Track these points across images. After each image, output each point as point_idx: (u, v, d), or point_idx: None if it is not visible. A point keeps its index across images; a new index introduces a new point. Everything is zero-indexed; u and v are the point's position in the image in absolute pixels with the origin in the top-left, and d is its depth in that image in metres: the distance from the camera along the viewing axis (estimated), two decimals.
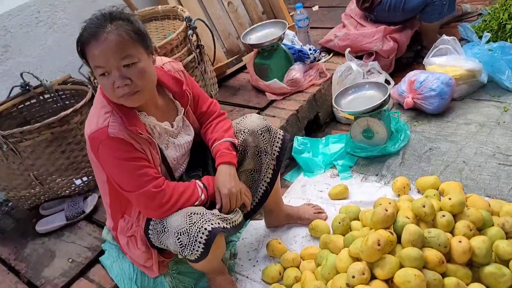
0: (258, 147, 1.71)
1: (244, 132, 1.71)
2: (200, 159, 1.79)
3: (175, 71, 1.65)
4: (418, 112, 2.42)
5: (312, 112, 2.52)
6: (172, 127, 1.61)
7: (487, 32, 2.73)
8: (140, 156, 1.47)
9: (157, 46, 1.98)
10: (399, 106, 2.52)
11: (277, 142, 1.75)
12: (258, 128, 1.71)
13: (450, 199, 1.55)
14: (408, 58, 2.98)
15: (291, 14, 3.56)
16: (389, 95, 2.16)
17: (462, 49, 2.48)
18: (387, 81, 2.63)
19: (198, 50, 2.19)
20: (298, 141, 2.37)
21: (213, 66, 2.61)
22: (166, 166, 1.62)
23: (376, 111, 2.14)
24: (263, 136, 1.71)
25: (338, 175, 2.20)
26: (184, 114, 1.66)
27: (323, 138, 2.44)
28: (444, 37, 2.49)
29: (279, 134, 1.76)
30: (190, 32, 2.11)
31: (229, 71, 2.84)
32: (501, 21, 2.63)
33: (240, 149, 1.70)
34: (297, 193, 2.17)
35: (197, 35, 2.18)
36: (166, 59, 1.67)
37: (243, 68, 2.90)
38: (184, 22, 2.11)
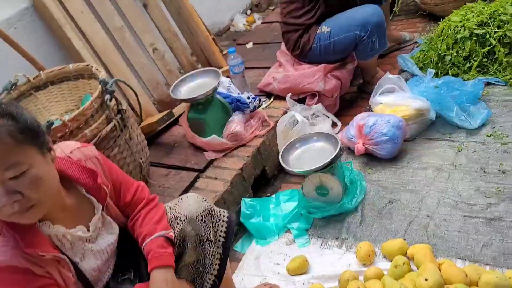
0: (200, 236, 1.41)
1: (181, 220, 1.41)
2: (130, 254, 1.46)
3: (88, 159, 1.33)
4: (370, 157, 2.25)
5: (258, 168, 2.27)
6: (88, 231, 1.28)
7: (427, 63, 2.66)
8: (44, 284, 1.13)
9: (67, 120, 1.65)
10: (350, 151, 2.34)
11: (222, 227, 1.46)
12: (197, 213, 1.42)
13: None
14: (351, 93, 2.85)
15: (224, 53, 3.34)
16: (341, 148, 1.96)
17: (408, 86, 2.36)
18: (334, 124, 2.47)
19: (119, 116, 1.88)
20: (246, 204, 2.10)
21: (140, 125, 2.30)
22: (85, 282, 1.28)
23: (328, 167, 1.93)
24: (204, 222, 1.42)
25: (294, 241, 1.96)
26: (103, 210, 1.34)
27: (273, 196, 2.20)
28: (388, 75, 2.36)
29: (223, 216, 1.48)
30: (107, 96, 1.80)
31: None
32: (440, 52, 2.56)
33: (178, 240, 1.40)
34: (250, 268, 1.90)
35: (116, 99, 1.86)
36: (73, 145, 1.35)
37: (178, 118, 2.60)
38: (100, 85, 1.79)
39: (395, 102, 2.28)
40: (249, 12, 3.96)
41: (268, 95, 2.67)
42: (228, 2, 3.86)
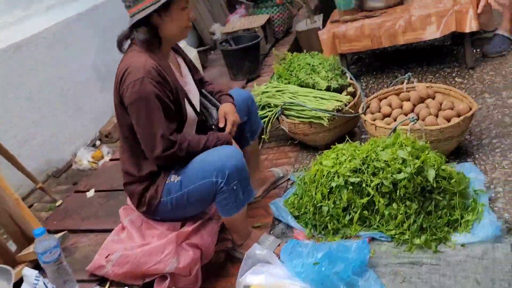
0: None
1: None
2: None
3: None
4: None
5: None
6: None
7: (302, 213, 2.25)
8: None
9: None
10: None
11: None
12: None
13: None
14: (219, 252, 2.26)
15: (58, 204, 2.60)
16: None
17: (282, 255, 1.87)
18: None
19: None
20: None
21: None
22: None
23: None
24: None
25: None
26: None
27: None
28: (256, 250, 1.84)
29: None
30: None
31: None
32: (315, 201, 2.16)
33: None
34: None
35: None
36: None
37: None
38: None
39: (267, 285, 1.74)
40: (98, 143, 3.31)
41: (104, 280, 1.95)
42: (71, 133, 3.18)
